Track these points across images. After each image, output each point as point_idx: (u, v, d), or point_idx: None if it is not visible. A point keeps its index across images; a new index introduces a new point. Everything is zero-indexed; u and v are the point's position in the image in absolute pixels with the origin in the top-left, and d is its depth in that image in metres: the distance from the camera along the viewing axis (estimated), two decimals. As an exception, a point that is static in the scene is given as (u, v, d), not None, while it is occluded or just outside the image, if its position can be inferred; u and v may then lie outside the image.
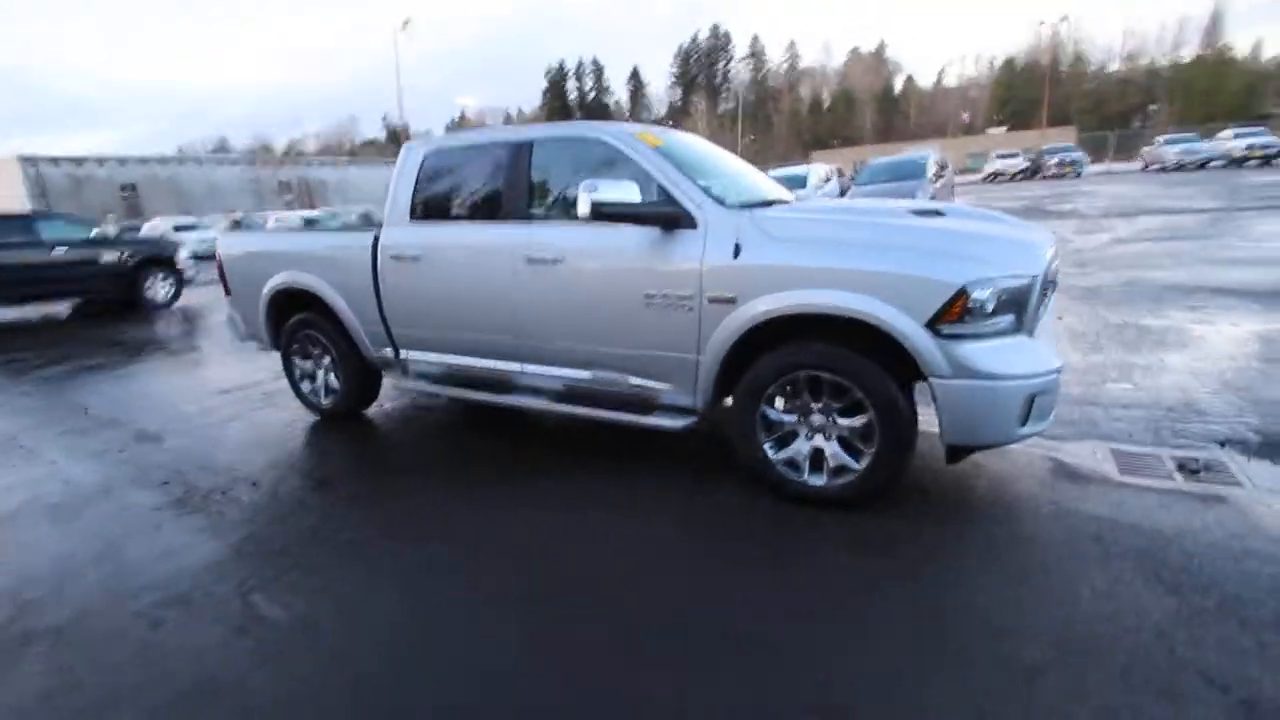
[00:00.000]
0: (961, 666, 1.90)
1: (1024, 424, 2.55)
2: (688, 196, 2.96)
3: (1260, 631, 1.96)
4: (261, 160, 45.74)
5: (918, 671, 1.90)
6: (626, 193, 2.87)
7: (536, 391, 3.59)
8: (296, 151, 61.30)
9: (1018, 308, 2.55)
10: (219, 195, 36.84)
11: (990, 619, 2.10)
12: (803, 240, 2.73)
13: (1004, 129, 61.82)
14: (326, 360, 4.43)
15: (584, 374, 3.36)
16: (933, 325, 2.49)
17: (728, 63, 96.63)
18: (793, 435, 2.89)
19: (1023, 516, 2.71)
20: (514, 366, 3.59)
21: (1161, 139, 29.97)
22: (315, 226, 17.97)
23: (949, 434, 2.58)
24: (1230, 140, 26.91)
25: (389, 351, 4.06)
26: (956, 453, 2.72)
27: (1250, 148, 25.77)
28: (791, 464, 2.89)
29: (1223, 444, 3.29)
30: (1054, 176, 29.90)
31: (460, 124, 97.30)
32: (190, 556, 2.77)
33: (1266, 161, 25.62)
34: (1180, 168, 27.21)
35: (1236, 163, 26.12)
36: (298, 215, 27.93)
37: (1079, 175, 30.18)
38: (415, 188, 3.78)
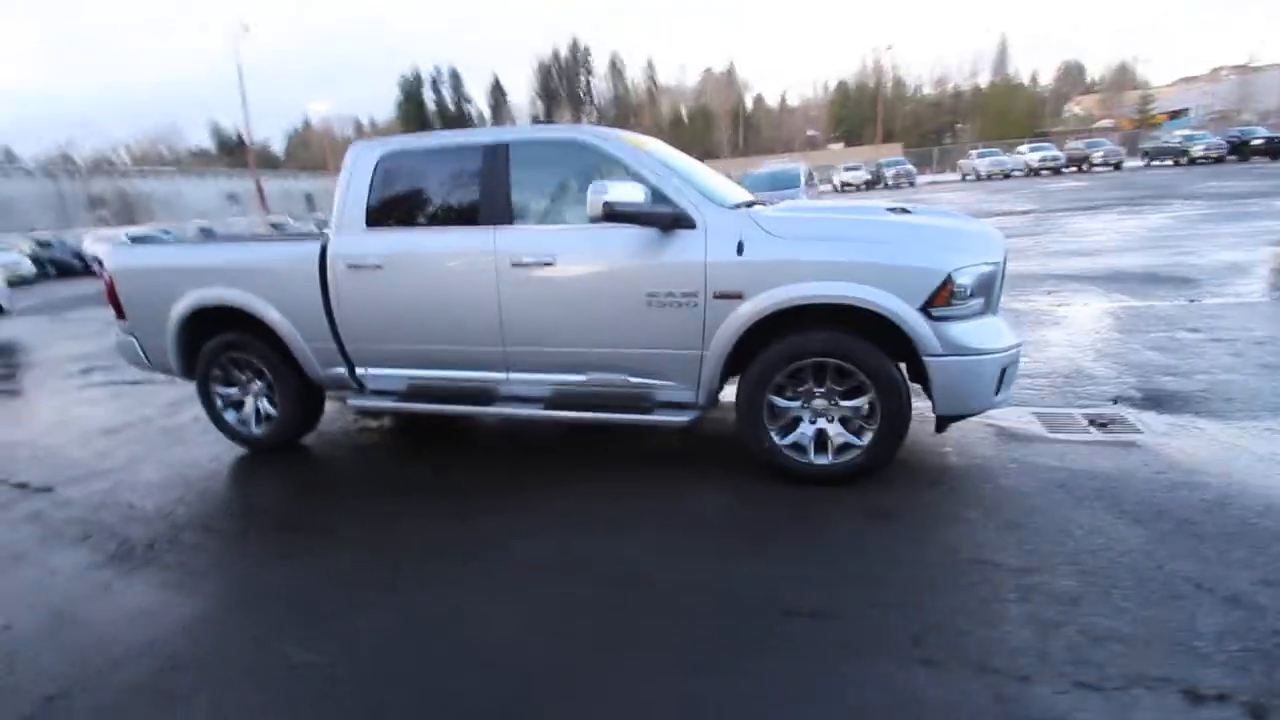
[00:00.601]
0: (1014, 601, 2.14)
1: (998, 392, 2.90)
2: (685, 197, 3.04)
3: (1214, 543, 2.39)
4: (65, 171, 39.48)
5: (984, 614, 2.10)
6: (633, 194, 2.90)
7: (520, 400, 3.49)
8: (107, 162, 53.48)
9: (987, 291, 2.90)
10: (12, 213, 31.32)
11: (1009, 561, 2.37)
12: (803, 237, 2.92)
13: (842, 145, 68.20)
14: (257, 385, 3.98)
15: (577, 377, 3.32)
16: (925, 309, 2.76)
17: (589, 78, 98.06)
18: (796, 421, 3.06)
19: (996, 474, 3.07)
20: (496, 375, 3.46)
21: (974, 153, 34.71)
22: (229, 238, 16.00)
23: (941, 405, 2.87)
24: (1027, 154, 31.74)
25: (340, 370, 3.74)
26: (943, 423, 3.02)
27: (1043, 160, 30.61)
28: (797, 447, 3.05)
29: (1115, 400, 3.93)
30: (893, 186, 33.44)
31: (304, 132, 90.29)
32: (170, 615, 2.39)
33: (1056, 171, 30.51)
34: (990, 177, 31.58)
35: (1034, 172, 30.82)
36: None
37: (913, 184, 34.01)
38: (370, 192, 3.52)
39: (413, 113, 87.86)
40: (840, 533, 2.67)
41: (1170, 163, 29.49)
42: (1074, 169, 30.79)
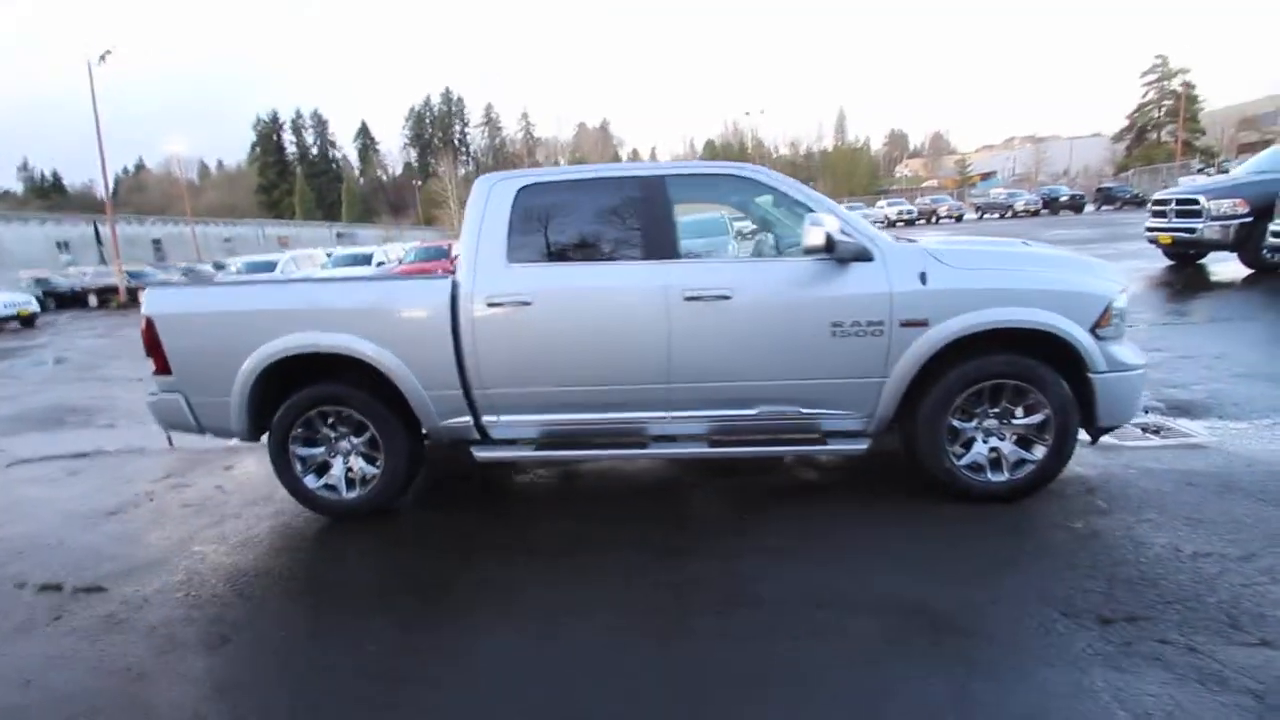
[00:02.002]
0: (1270, 582, 2.37)
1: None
2: (861, 232, 3.15)
3: (1362, 519, 2.81)
4: None
5: (1262, 594, 2.30)
6: (835, 226, 2.96)
7: (668, 439, 3.36)
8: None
9: (1122, 313, 3.27)
10: None
11: (1227, 550, 2.62)
12: (978, 268, 3.12)
13: (716, 197, 72.94)
14: (348, 444, 3.48)
15: (747, 411, 3.26)
16: (1092, 331, 3.06)
17: (464, 127, 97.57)
18: (971, 441, 3.21)
19: (1127, 480, 3.37)
20: (653, 415, 3.30)
21: (884, 202, 38.82)
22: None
23: (1103, 418, 3.15)
24: (886, 208, 35.90)
25: (463, 420, 3.38)
26: (1098, 435, 3.30)
27: (899, 213, 34.74)
28: (974, 467, 3.19)
29: (1145, 411, 4.51)
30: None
31: (140, 174, 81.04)
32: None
33: (910, 223, 34.68)
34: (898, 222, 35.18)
35: (892, 224, 34.79)
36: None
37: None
38: (510, 226, 3.29)
39: (268, 156, 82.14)
40: (1064, 543, 2.81)
41: (998, 215, 34.65)
42: (924, 220, 35.21)
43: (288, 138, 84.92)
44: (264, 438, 3.54)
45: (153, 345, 3.42)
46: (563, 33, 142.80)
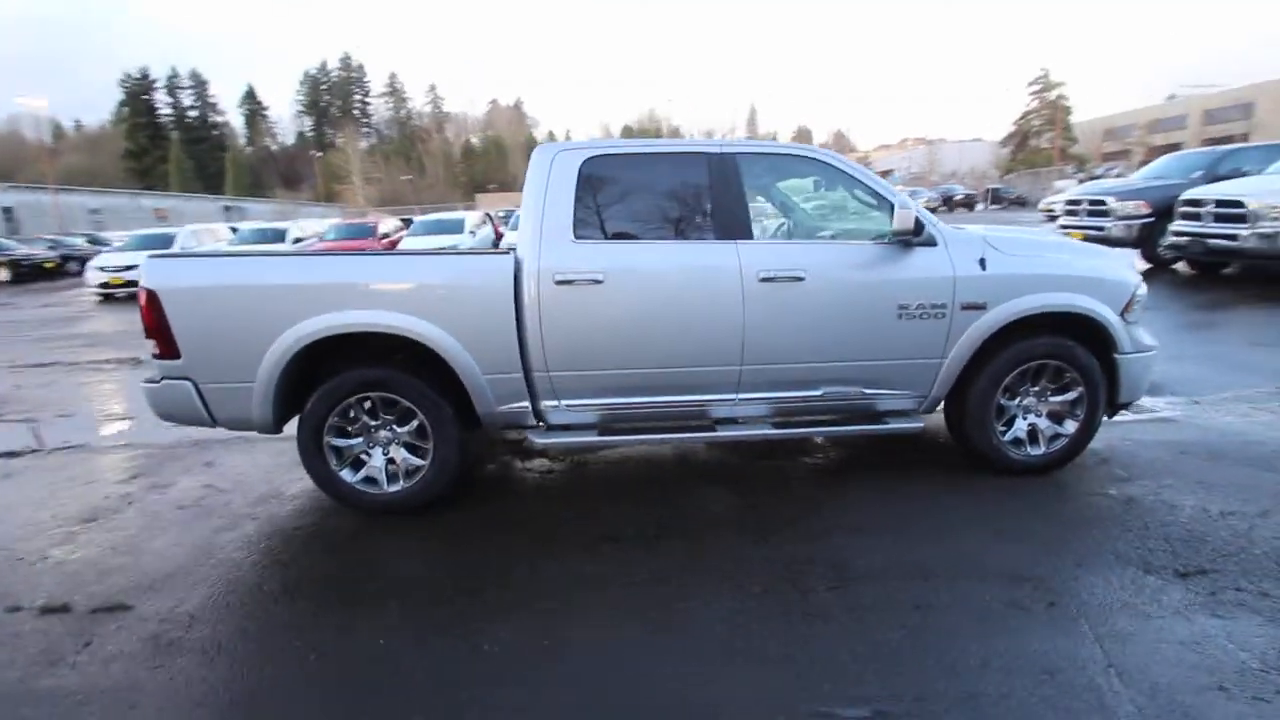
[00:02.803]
0: (1231, 538, 2.70)
1: (1147, 382, 3.58)
2: (927, 217, 3.26)
3: (1336, 478, 3.25)
4: None
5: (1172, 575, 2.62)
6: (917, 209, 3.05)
7: (730, 421, 3.35)
8: None
9: (1143, 300, 3.57)
10: None
11: (1245, 508, 2.96)
12: (1027, 255, 3.31)
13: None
14: (387, 433, 3.22)
15: (812, 393, 3.30)
16: (1121, 315, 3.33)
17: (365, 96, 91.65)
18: (1013, 418, 3.42)
19: (1129, 452, 3.71)
20: (721, 397, 3.28)
21: None
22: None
23: (1124, 395, 3.44)
24: (803, 199, 37.36)
25: (521, 405, 3.21)
26: (1116, 410, 3.60)
27: (816, 205, 36.23)
28: (1016, 442, 3.41)
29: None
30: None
31: (-27, 132, 70.27)
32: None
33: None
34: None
35: (808, 215, 36.32)
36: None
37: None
38: (576, 201, 3.13)
39: (139, 119, 73.60)
40: (1110, 508, 3.06)
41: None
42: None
43: (161, 98, 76.17)
44: (286, 428, 3.22)
45: (156, 324, 2.99)
46: (474, 6, 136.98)
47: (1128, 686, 1.89)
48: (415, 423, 3.18)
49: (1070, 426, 3.41)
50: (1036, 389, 3.40)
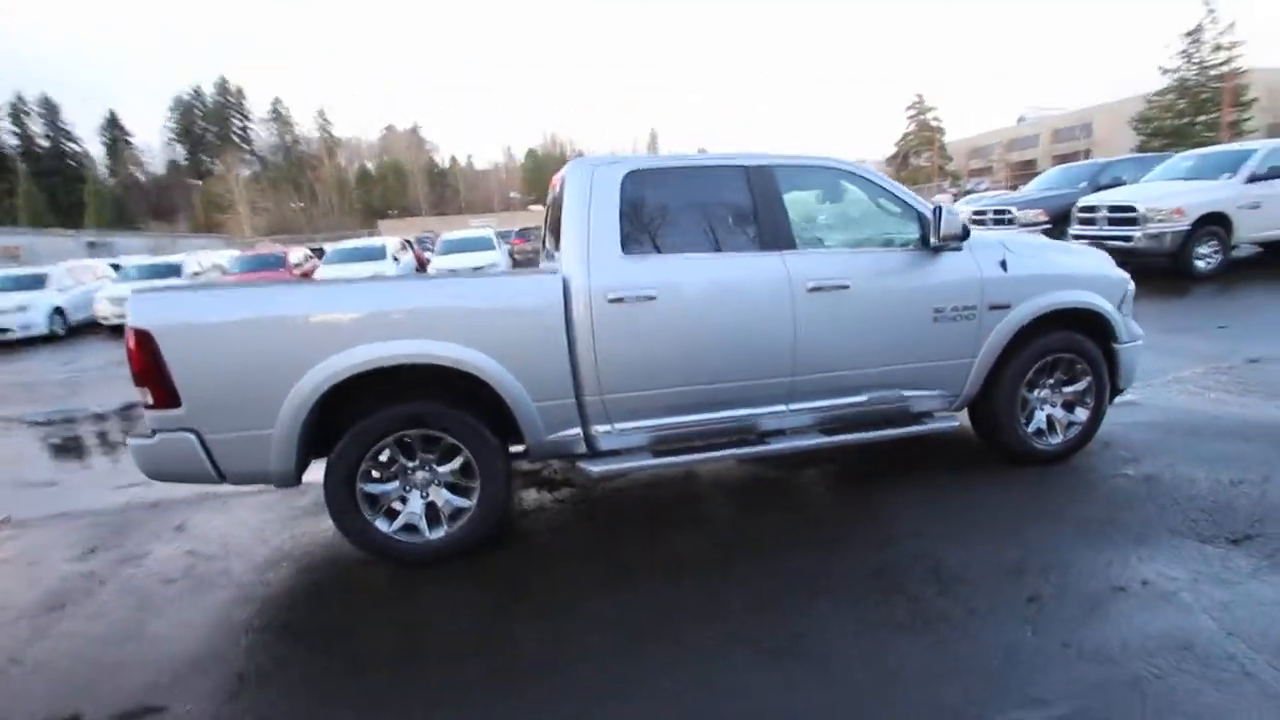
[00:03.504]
0: (1255, 503, 2.98)
1: (1133, 370, 3.90)
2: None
3: (1302, 443, 3.65)
4: None
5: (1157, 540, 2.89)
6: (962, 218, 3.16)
7: (775, 434, 3.32)
8: None
9: (1132, 295, 3.86)
10: None
11: (1249, 475, 3.25)
12: (1038, 257, 3.52)
13: (542, 207, 72.65)
14: (423, 474, 2.93)
15: (857, 399, 3.33)
16: (1118, 308, 3.61)
17: (246, 121, 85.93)
18: (1033, 410, 3.60)
19: (1115, 437, 4.01)
20: (768, 409, 3.24)
21: None
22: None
23: (1122, 382, 3.72)
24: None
25: (572, 432, 3.02)
26: (1113, 396, 3.87)
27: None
28: (1038, 433, 3.59)
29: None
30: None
31: None
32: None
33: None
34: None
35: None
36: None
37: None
38: (621, 215, 3.02)
39: (-26, 147, 65.15)
40: (1133, 488, 3.26)
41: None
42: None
43: (4, 126, 67.84)
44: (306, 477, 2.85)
45: (149, 369, 2.57)
46: (364, 30, 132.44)
47: (1259, 651, 1.99)
48: (460, 460, 2.91)
49: (1082, 414, 3.63)
50: (1051, 381, 3.60)
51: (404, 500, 2.92)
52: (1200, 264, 8.55)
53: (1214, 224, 8.45)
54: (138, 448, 2.68)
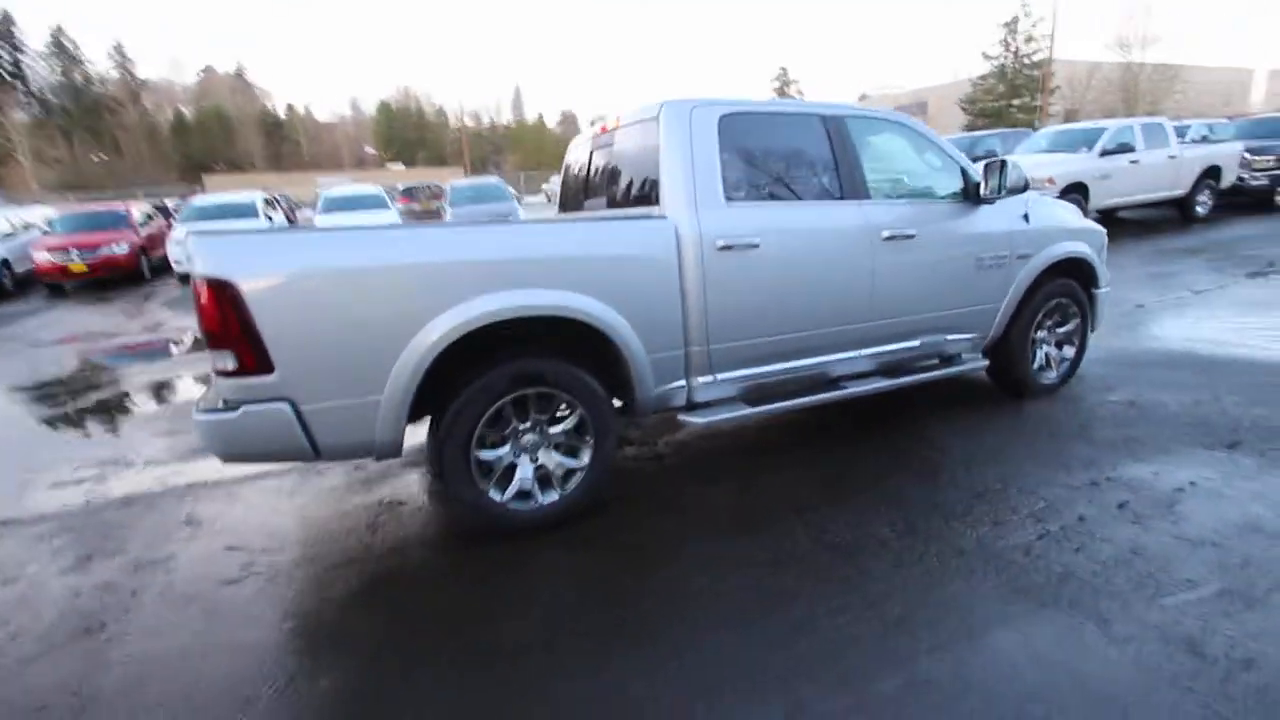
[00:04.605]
0: (1231, 415, 3.67)
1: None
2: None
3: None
4: None
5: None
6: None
7: (844, 379, 3.48)
8: None
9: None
10: None
11: (1182, 400, 3.94)
12: (1049, 211, 3.93)
13: (402, 165, 67.49)
14: (531, 437, 2.73)
15: (912, 344, 3.56)
16: (1099, 256, 4.16)
17: (17, 54, 70.48)
18: (1035, 349, 4.06)
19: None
20: (840, 356, 3.37)
21: (555, 179, 39.82)
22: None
23: (1097, 321, 4.30)
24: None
25: (677, 384, 2.97)
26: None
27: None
28: (1040, 369, 4.07)
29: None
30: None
31: None
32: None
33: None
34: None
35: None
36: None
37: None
38: (720, 160, 2.94)
39: None
40: (1125, 411, 3.81)
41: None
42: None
43: None
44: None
45: (234, 328, 2.14)
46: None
47: None
48: (574, 419, 2.74)
49: (1069, 352, 4.17)
50: (1050, 323, 4.08)
51: (515, 465, 2.71)
52: (1065, 227, 10.02)
53: (1076, 192, 9.83)
54: (213, 424, 2.23)
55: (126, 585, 2.57)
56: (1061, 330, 4.12)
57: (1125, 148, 9.95)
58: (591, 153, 3.71)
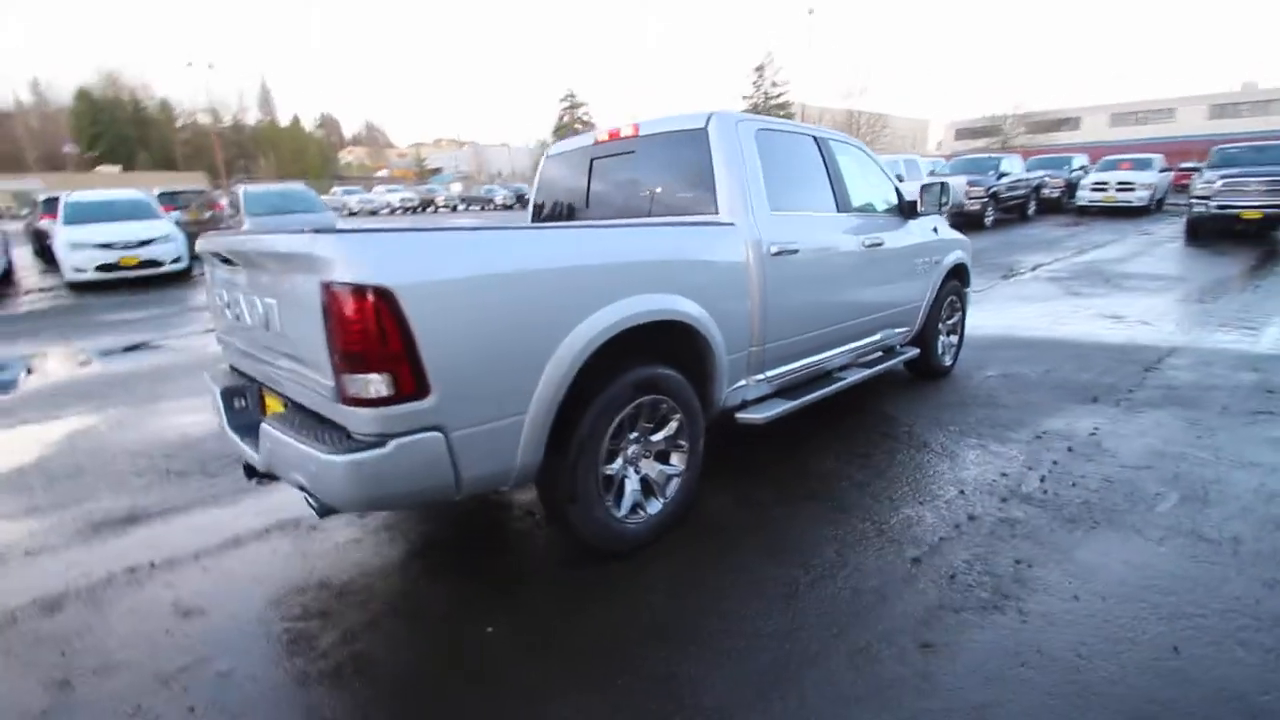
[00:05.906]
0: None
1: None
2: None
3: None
4: None
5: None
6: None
7: (834, 372, 3.94)
8: None
9: (952, 254, 5.54)
10: None
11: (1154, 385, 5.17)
12: (944, 225, 4.83)
13: (118, 168, 55.50)
14: (648, 442, 2.70)
15: (875, 338, 4.14)
16: (970, 262, 5.22)
17: None
18: (939, 339, 4.96)
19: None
20: (834, 351, 3.80)
21: (340, 189, 36.12)
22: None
23: (965, 314, 5.38)
24: (388, 195, 35.52)
25: (740, 383, 3.13)
26: (957, 325, 5.52)
27: (403, 200, 34.98)
28: (942, 354, 4.98)
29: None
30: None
31: None
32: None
33: (412, 210, 35.35)
34: (359, 213, 33.71)
35: (393, 210, 34.72)
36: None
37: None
38: (764, 172, 3.17)
39: None
40: (1007, 383, 4.85)
41: (479, 207, 38.86)
42: (425, 208, 36.55)
43: None
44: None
45: (394, 347, 1.82)
46: None
47: (1218, 458, 3.39)
48: (674, 425, 2.74)
49: (953, 340, 5.16)
50: (946, 317, 5.02)
51: (626, 478, 2.63)
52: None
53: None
54: (360, 464, 1.83)
55: (175, 687, 1.95)
56: (950, 322, 5.09)
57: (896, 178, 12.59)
58: (591, 161, 3.68)
